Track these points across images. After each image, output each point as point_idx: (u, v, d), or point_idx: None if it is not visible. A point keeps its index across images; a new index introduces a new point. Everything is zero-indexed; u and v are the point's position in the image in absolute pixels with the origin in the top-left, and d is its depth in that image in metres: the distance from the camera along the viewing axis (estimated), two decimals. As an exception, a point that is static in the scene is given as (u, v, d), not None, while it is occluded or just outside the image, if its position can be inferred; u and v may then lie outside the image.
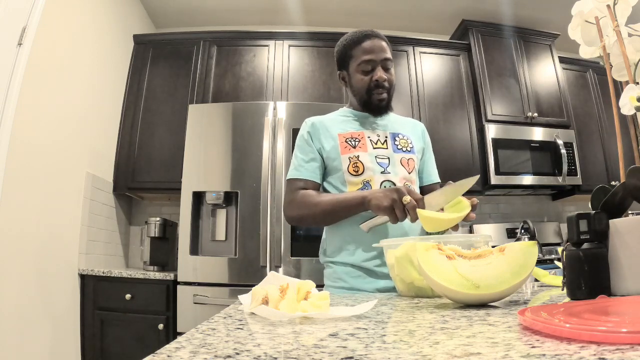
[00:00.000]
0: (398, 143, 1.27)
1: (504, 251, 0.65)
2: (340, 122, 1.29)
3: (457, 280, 0.62)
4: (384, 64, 1.23)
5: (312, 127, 1.28)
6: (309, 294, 0.60)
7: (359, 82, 1.24)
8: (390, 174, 1.21)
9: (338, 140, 1.24)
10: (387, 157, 1.24)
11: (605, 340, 0.31)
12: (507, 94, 2.97)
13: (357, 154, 1.22)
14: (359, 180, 1.20)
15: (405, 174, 1.23)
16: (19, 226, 1.81)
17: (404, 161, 1.25)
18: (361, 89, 1.25)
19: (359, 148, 1.22)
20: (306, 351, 0.35)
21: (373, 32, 1.26)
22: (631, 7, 0.77)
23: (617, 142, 0.78)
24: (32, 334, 1.86)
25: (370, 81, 1.22)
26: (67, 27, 2.17)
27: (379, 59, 1.22)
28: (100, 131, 2.53)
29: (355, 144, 1.23)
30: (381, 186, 1.19)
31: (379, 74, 1.21)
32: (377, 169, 1.21)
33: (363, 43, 1.23)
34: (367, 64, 1.22)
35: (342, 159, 1.22)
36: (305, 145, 1.27)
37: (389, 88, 1.24)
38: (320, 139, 1.26)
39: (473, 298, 0.61)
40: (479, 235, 0.89)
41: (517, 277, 0.62)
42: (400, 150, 1.26)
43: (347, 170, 1.21)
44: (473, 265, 0.64)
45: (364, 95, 1.25)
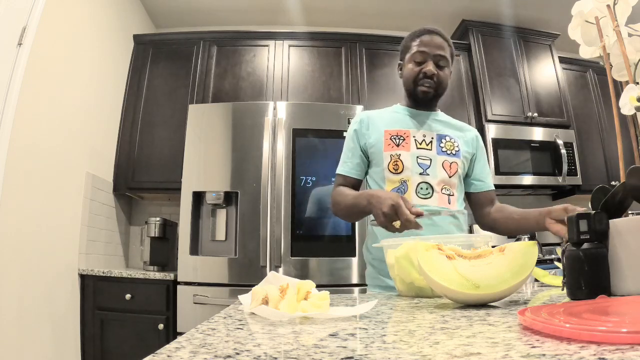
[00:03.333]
0: (443, 145, 1.27)
1: (504, 251, 0.65)
2: (390, 118, 1.31)
3: (457, 280, 0.62)
4: (436, 60, 1.24)
5: (360, 123, 1.31)
6: (309, 294, 0.60)
7: (408, 71, 1.27)
8: (429, 175, 1.22)
9: (383, 136, 1.26)
10: (430, 158, 1.24)
11: (605, 340, 0.31)
12: (507, 94, 2.97)
13: (399, 152, 1.23)
14: (397, 179, 1.21)
15: (445, 177, 1.23)
16: (19, 226, 1.81)
17: (446, 164, 1.25)
18: (409, 78, 1.27)
19: (402, 147, 1.24)
20: (306, 351, 0.35)
21: (436, 29, 1.27)
22: (631, 7, 0.77)
23: (617, 142, 0.78)
24: (32, 334, 1.86)
25: (419, 72, 1.24)
26: (67, 27, 2.17)
27: (432, 53, 1.23)
28: (100, 131, 2.53)
29: (399, 142, 1.25)
30: (417, 187, 1.20)
31: (428, 67, 1.23)
32: (416, 170, 1.22)
33: (422, 36, 1.25)
34: (419, 55, 1.24)
35: (383, 156, 1.24)
36: (350, 141, 1.31)
37: (437, 84, 1.25)
38: (366, 135, 1.28)
39: (473, 298, 0.61)
40: (479, 235, 0.89)
41: (517, 277, 0.62)
42: (445, 153, 1.26)
43: (387, 167, 1.23)
44: (473, 265, 0.64)
45: (411, 85, 1.27)
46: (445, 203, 1.22)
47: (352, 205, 1.17)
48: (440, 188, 1.22)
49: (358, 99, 2.81)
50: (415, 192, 1.20)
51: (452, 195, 1.24)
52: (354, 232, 2.24)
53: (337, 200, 1.25)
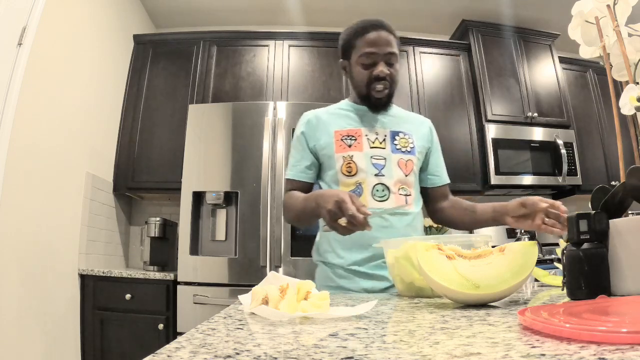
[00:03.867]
0: (397, 143, 1.21)
1: (504, 251, 0.65)
2: (339, 117, 1.24)
3: (457, 280, 0.62)
4: (387, 59, 1.16)
5: (307, 124, 1.24)
6: (309, 294, 0.60)
7: (358, 74, 1.19)
8: (385, 176, 1.16)
9: (334, 137, 1.20)
10: (384, 157, 1.18)
11: (605, 340, 0.31)
12: (507, 94, 2.97)
13: (352, 153, 1.17)
14: (351, 182, 1.16)
15: (402, 177, 1.18)
16: (19, 226, 1.81)
17: (402, 163, 1.20)
18: (360, 82, 1.19)
19: (355, 147, 1.18)
20: (306, 351, 0.35)
21: (380, 22, 1.18)
22: (631, 7, 0.77)
23: (617, 142, 0.78)
24: (32, 334, 1.86)
25: (370, 75, 1.16)
26: (67, 27, 2.17)
27: (382, 52, 1.15)
28: (100, 131, 2.53)
29: (351, 142, 1.19)
30: (373, 189, 1.15)
31: (379, 69, 1.15)
32: (371, 171, 1.16)
33: (367, 34, 1.16)
34: (368, 57, 1.15)
35: (335, 158, 1.18)
36: (298, 144, 1.24)
37: (390, 84, 1.18)
38: (315, 136, 1.22)
39: (473, 298, 0.61)
40: (479, 235, 0.89)
41: (517, 277, 0.62)
42: (399, 151, 1.21)
43: (340, 170, 1.17)
44: (473, 265, 0.64)
45: (363, 89, 1.19)
46: (403, 204, 1.17)
47: (302, 209, 1.11)
48: (397, 189, 1.17)
49: (358, 99, 2.81)
50: (372, 194, 1.15)
51: (410, 195, 1.19)
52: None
53: (288, 205, 1.19)
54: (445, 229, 2.88)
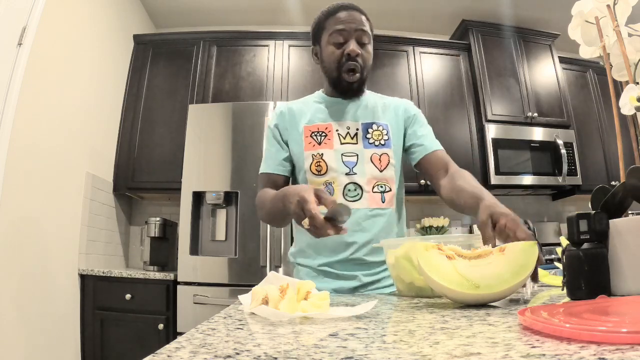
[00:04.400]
0: (370, 136, 1.14)
1: (504, 251, 0.65)
2: (310, 110, 1.17)
3: (457, 280, 0.62)
4: (358, 36, 1.09)
5: (281, 116, 1.18)
6: (309, 294, 0.60)
7: (329, 55, 1.11)
8: (357, 174, 1.09)
9: (303, 134, 1.13)
10: (356, 154, 1.11)
11: (605, 340, 0.31)
12: (507, 94, 2.97)
13: (321, 151, 1.10)
14: (321, 181, 1.09)
15: (376, 173, 1.10)
16: (19, 226, 1.81)
17: (376, 158, 1.12)
18: (331, 63, 1.11)
19: (325, 144, 1.11)
20: (306, 351, 0.35)
21: (350, 4, 1.12)
22: (631, 7, 0.77)
23: (617, 142, 0.78)
24: (32, 334, 1.86)
25: (341, 55, 1.09)
26: (67, 27, 2.17)
27: (353, 29, 1.08)
28: (100, 131, 2.53)
29: (321, 139, 1.12)
30: (345, 189, 1.09)
31: (351, 47, 1.07)
32: (342, 169, 1.09)
33: (338, 14, 1.10)
34: (338, 35, 1.09)
35: (305, 156, 1.11)
36: (272, 137, 1.18)
37: (362, 66, 1.10)
38: (287, 130, 1.16)
39: (473, 298, 0.61)
40: (478, 235, 0.89)
41: (517, 277, 0.62)
42: (372, 145, 1.13)
43: (309, 169, 1.10)
44: (473, 265, 0.64)
45: (334, 72, 1.12)
46: (378, 202, 1.10)
47: (270, 208, 1.02)
48: (371, 187, 1.09)
49: (358, 99, 2.81)
50: (343, 194, 1.08)
51: (388, 191, 1.11)
52: (354, 232, 2.23)
53: (259, 204, 1.11)
54: (445, 228, 2.88)
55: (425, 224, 2.88)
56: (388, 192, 1.12)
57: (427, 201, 3.05)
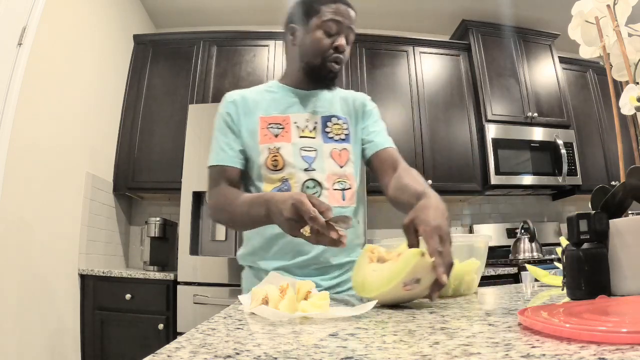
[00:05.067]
0: (330, 130, 1.09)
1: (399, 257, 0.66)
2: (265, 100, 1.09)
3: (360, 280, 0.68)
4: (347, 33, 1.06)
5: (232, 105, 1.08)
6: (309, 294, 0.60)
7: (317, 41, 1.04)
8: (316, 170, 1.03)
9: (259, 125, 1.05)
10: (315, 148, 1.06)
11: (605, 340, 0.31)
12: (507, 94, 2.97)
13: (278, 145, 1.03)
14: (277, 177, 1.02)
15: (336, 169, 1.05)
16: (19, 226, 1.81)
17: (335, 153, 1.07)
18: (317, 50, 1.05)
19: (282, 137, 1.04)
20: (306, 351, 0.35)
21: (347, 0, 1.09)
22: (631, 7, 0.77)
23: (617, 142, 0.78)
24: (32, 334, 1.86)
25: (330, 45, 1.04)
26: (67, 27, 2.17)
27: (346, 25, 1.05)
28: (100, 131, 2.53)
29: (278, 131, 1.05)
30: (303, 186, 1.02)
31: (341, 41, 1.04)
32: (300, 165, 1.03)
33: (335, 4, 1.06)
34: (333, 25, 1.04)
35: (260, 150, 1.03)
36: (224, 126, 1.07)
37: (341, 62, 1.07)
38: (240, 120, 1.06)
39: (364, 297, 0.67)
40: (478, 235, 0.89)
41: (387, 283, 0.62)
42: (332, 140, 1.08)
43: (264, 163, 1.03)
44: (374, 269, 0.67)
45: (317, 59, 1.05)
46: (339, 200, 1.04)
47: (245, 214, 0.92)
48: (330, 183, 1.04)
49: (358, 99, 2.81)
50: (301, 192, 1.00)
51: (349, 188, 1.06)
52: (354, 232, 2.23)
53: (220, 205, 1.00)
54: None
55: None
56: (348, 190, 1.07)
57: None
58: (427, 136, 2.81)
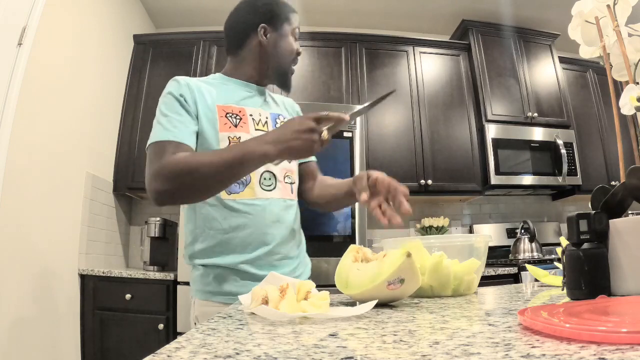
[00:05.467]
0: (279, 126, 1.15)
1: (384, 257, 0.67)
2: (217, 90, 1.08)
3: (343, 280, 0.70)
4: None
5: (185, 88, 1.03)
6: (309, 294, 0.60)
7: (289, 45, 1.14)
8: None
9: (217, 112, 1.04)
10: None
11: (605, 340, 0.31)
12: (507, 94, 2.97)
13: (239, 134, 1.04)
14: None
15: (286, 163, 1.09)
16: (19, 226, 1.81)
17: None
18: (288, 55, 1.14)
19: (241, 127, 1.05)
20: (306, 351, 0.35)
21: None
22: (631, 7, 0.77)
23: (617, 142, 0.78)
24: (32, 334, 1.86)
25: (297, 50, 1.16)
26: (67, 27, 2.17)
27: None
28: (100, 131, 2.53)
29: (236, 121, 1.06)
30: (261, 177, 1.04)
31: (298, 46, 1.17)
32: None
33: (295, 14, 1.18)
34: (298, 32, 1.18)
35: (220, 137, 1.02)
36: (177, 105, 1.00)
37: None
38: (196, 105, 1.02)
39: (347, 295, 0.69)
40: (478, 235, 0.89)
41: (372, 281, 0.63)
42: None
43: None
44: (359, 269, 0.68)
45: (286, 63, 1.14)
46: (288, 194, 1.10)
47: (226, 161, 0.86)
48: (282, 177, 1.08)
49: (358, 99, 2.81)
50: (259, 182, 1.04)
51: (294, 183, 1.13)
52: (354, 232, 2.23)
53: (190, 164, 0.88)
54: (445, 228, 2.88)
55: (425, 224, 2.88)
56: (293, 184, 1.14)
57: (427, 201, 3.05)
58: (427, 136, 2.81)
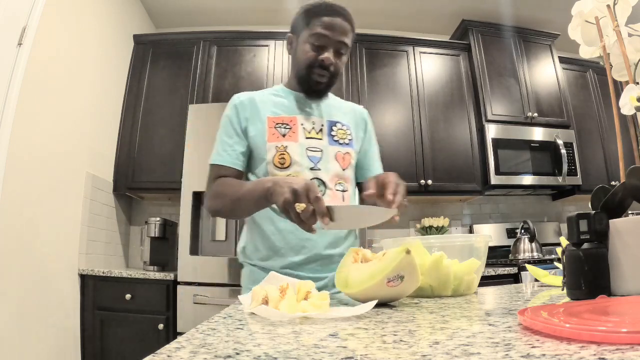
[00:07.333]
0: (335, 134, 1.13)
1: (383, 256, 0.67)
2: (272, 102, 1.14)
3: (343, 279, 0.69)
4: (337, 47, 1.09)
5: (239, 105, 1.13)
6: (309, 294, 0.60)
7: (303, 54, 1.10)
8: (321, 170, 1.08)
9: (266, 124, 1.09)
10: (321, 149, 1.09)
11: (605, 340, 0.31)
12: (507, 94, 2.97)
13: (286, 143, 1.07)
14: (284, 175, 1.05)
15: (339, 171, 1.10)
16: (19, 226, 1.81)
17: (339, 156, 1.11)
18: (303, 62, 1.10)
19: (289, 137, 1.08)
20: (306, 351, 0.35)
21: (341, 9, 1.10)
22: (631, 7, 0.77)
23: (617, 142, 0.78)
24: (32, 334, 1.86)
25: (315, 58, 1.08)
26: (67, 27, 2.17)
27: (335, 39, 1.07)
28: (100, 131, 2.53)
29: (285, 131, 1.09)
30: None
31: (326, 55, 1.07)
32: (306, 164, 1.07)
33: (325, 16, 1.08)
34: (319, 39, 1.07)
35: (267, 147, 1.07)
36: (229, 127, 1.11)
37: (333, 74, 1.11)
38: (247, 120, 1.11)
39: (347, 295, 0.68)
40: (478, 235, 0.88)
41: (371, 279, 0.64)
42: (337, 143, 1.12)
43: (272, 161, 1.07)
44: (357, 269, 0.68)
45: (303, 70, 1.11)
46: (339, 201, 1.09)
47: (245, 194, 0.95)
48: (333, 184, 1.08)
49: (358, 99, 2.81)
50: None
51: (346, 191, 1.11)
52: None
53: (220, 192, 1.03)
54: (445, 228, 2.88)
55: (425, 224, 2.88)
56: (346, 192, 1.11)
57: (427, 201, 3.05)
58: (427, 136, 2.81)
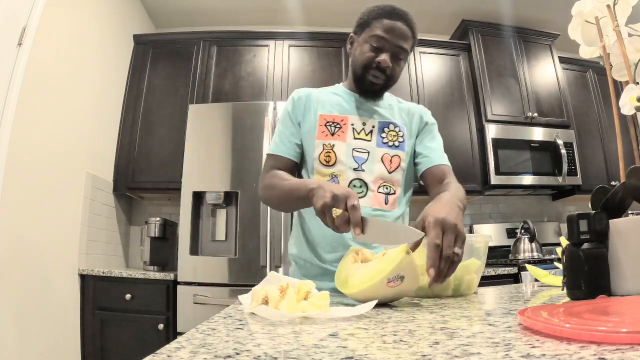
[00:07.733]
0: (385, 135, 1.14)
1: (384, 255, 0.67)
2: (328, 100, 1.17)
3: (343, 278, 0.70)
4: (396, 51, 1.09)
5: (297, 100, 1.17)
6: (309, 294, 0.60)
7: (361, 54, 1.11)
8: (365, 171, 1.09)
9: (318, 122, 1.13)
10: (367, 150, 1.11)
11: (605, 340, 0.31)
12: (507, 94, 2.97)
13: (333, 142, 1.10)
14: (327, 172, 1.09)
15: (384, 173, 1.10)
16: (19, 226, 1.81)
17: (386, 158, 1.12)
18: (360, 62, 1.11)
19: (338, 136, 1.11)
20: (306, 351, 0.35)
21: (404, 15, 1.11)
22: (631, 7, 0.77)
23: (617, 142, 0.78)
24: (32, 334, 1.86)
25: (372, 59, 1.09)
26: (67, 27, 2.17)
27: (394, 43, 1.08)
28: (100, 131, 2.53)
29: (335, 130, 1.12)
30: (350, 184, 1.08)
31: (383, 57, 1.07)
32: (350, 164, 1.09)
33: (388, 19, 1.09)
34: (378, 41, 1.08)
35: (315, 144, 1.11)
36: (287, 120, 1.16)
37: (389, 77, 1.11)
38: (302, 115, 1.15)
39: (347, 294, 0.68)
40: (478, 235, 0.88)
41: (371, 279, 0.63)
42: (386, 145, 1.13)
43: (318, 157, 1.10)
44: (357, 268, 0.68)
45: (359, 70, 1.12)
46: (381, 203, 1.09)
47: (290, 190, 0.99)
48: (376, 186, 1.09)
49: (358, 99, 2.81)
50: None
51: (393, 193, 1.11)
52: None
53: (271, 184, 1.07)
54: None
55: (425, 224, 2.87)
56: (392, 195, 1.11)
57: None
58: (427, 136, 2.80)
